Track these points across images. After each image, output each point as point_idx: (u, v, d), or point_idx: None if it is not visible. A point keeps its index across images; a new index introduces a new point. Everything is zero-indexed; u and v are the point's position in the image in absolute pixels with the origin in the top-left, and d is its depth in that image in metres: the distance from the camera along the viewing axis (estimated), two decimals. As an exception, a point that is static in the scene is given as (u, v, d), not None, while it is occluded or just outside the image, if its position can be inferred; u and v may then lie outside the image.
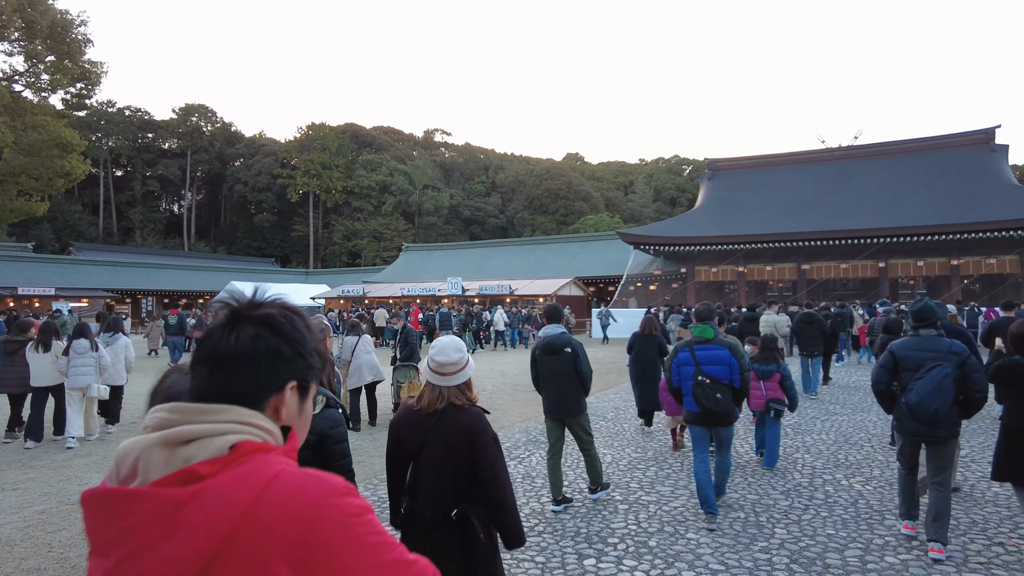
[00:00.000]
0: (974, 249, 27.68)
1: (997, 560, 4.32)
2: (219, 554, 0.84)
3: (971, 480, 6.18)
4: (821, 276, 31.03)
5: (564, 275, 36.23)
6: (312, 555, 0.87)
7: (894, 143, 36.30)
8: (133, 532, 0.87)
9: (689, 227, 33.18)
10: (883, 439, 7.91)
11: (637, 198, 76.85)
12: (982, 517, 5.14)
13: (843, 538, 4.73)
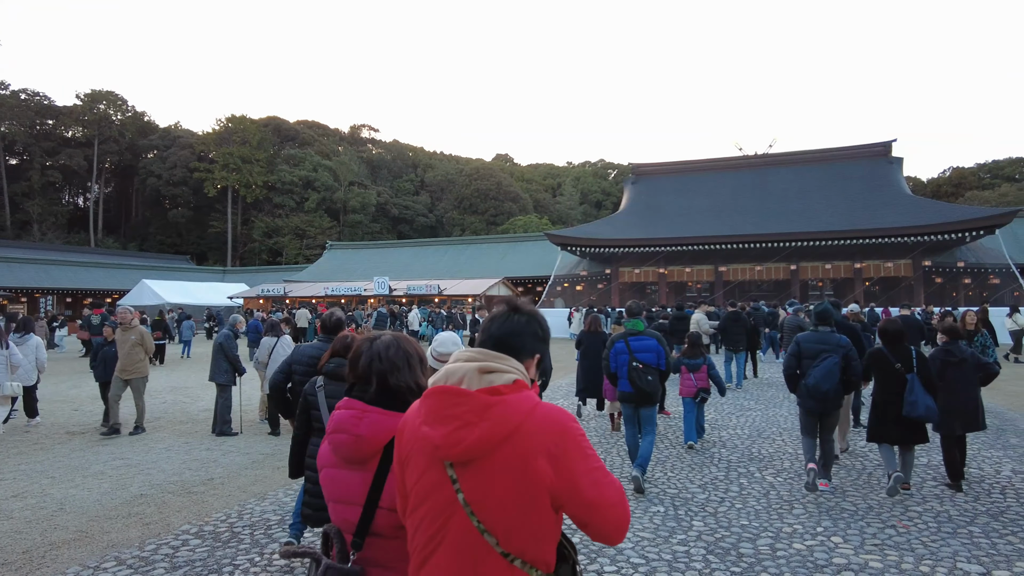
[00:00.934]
0: (874, 254, 29.70)
1: (889, 541, 4.64)
2: (509, 438, 1.48)
3: (868, 468, 6.62)
4: (737, 278, 32.50)
5: (493, 275, 36.35)
6: (558, 453, 1.49)
7: (804, 152, 38.46)
8: (462, 415, 1.51)
9: (614, 230, 34.01)
10: (793, 432, 8.37)
11: (565, 200, 78.08)
12: (877, 503, 5.52)
13: (756, 528, 4.96)
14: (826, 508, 5.40)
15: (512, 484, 1.49)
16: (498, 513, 1.49)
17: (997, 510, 5.32)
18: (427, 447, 1.56)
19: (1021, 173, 72.36)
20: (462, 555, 1.51)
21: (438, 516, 1.54)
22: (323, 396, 3.64)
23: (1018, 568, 4.18)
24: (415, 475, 1.60)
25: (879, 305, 23.73)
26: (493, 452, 1.50)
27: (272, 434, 8.70)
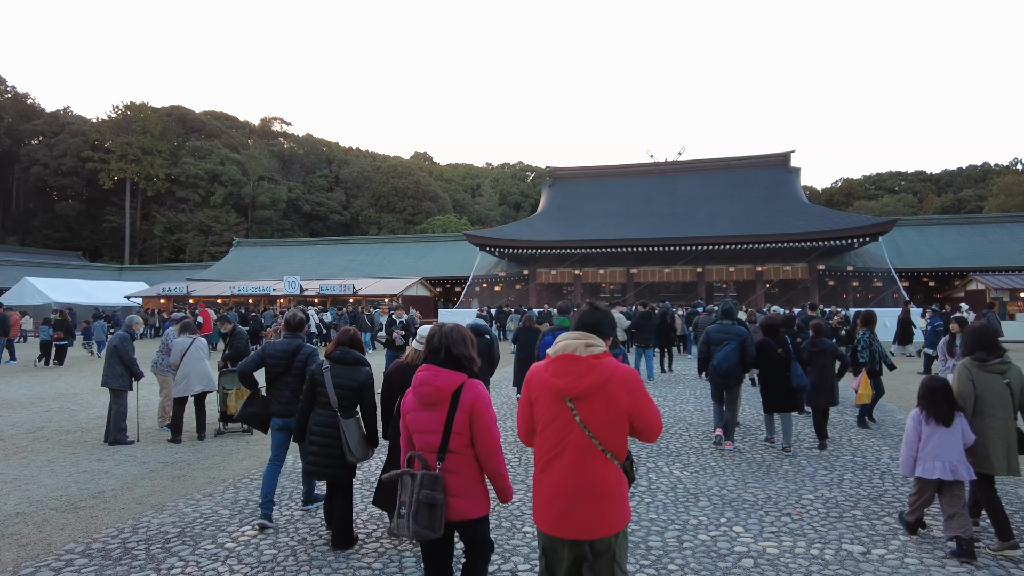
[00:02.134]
0: (774, 257, 31.57)
1: (785, 528, 4.94)
2: (605, 384, 2.56)
3: (767, 460, 7.02)
4: (648, 279, 33.69)
5: (411, 275, 35.95)
6: (632, 393, 2.62)
7: (711, 160, 40.36)
8: (577, 371, 2.60)
9: (532, 231, 34.45)
10: (699, 428, 8.75)
11: (484, 201, 78.32)
12: (775, 493, 5.86)
13: (664, 521, 5.14)
14: (729, 500, 5.68)
15: (607, 410, 2.62)
16: (600, 427, 2.62)
17: (876, 494, 5.77)
18: (553, 390, 2.67)
19: (900, 186, 79.00)
20: (579, 452, 2.63)
21: (561, 430, 2.66)
22: (329, 376, 4.67)
23: (893, 545, 4.54)
24: (543, 408, 2.73)
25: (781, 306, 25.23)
26: (596, 392, 2.62)
27: (173, 441, 8.21)
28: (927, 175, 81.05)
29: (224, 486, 6.27)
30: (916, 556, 4.39)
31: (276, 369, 5.31)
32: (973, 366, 4.66)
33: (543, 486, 2.71)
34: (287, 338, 5.51)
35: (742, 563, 4.31)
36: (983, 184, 67.39)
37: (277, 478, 5.24)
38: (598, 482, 2.61)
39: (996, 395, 4.55)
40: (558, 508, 2.62)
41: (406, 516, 2.90)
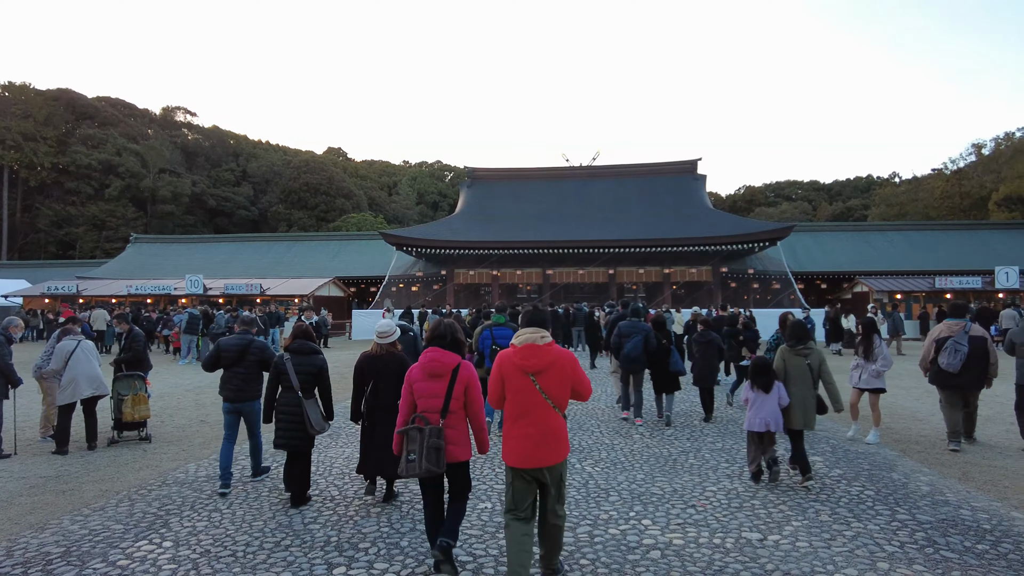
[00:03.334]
0: (681, 260, 32.97)
1: (690, 520, 5.17)
2: (555, 363, 3.86)
3: (673, 454, 7.32)
4: (563, 280, 34.35)
5: (323, 275, 34.90)
6: (573, 367, 3.94)
7: (623, 166, 41.66)
8: (537, 354, 3.85)
9: (450, 231, 34.32)
10: (611, 424, 9.00)
11: (401, 199, 77.23)
12: (680, 486, 6.12)
13: (576, 517, 5.26)
14: (638, 494, 5.88)
15: (558, 380, 3.84)
16: (553, 392, 3.83)
17: (773, 484, 6.14)
18: (520, 369, 3.84)
19: (796, 194, 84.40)
20: (540, 410, 3.81)
21: (527, 396, 3.82)
22: (290, 365, 5.67)
23: (787, 531, 4.85)
24: (512, 382, 3.87)
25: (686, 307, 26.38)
26: (549, 368, 3.83)
27: (58, 453, 7.60)
28: (820, 184, 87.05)
29: (118, 499, 5.87)
30: (806, 540, 4.70)
31: (229, 361, 6.19)
32: (786, 351, 6.51)
33: (514, 434, 3.86)
34: (240, 333, 6.44)
35: (650, 555, 4.47)
36: (867, 194, 73.11)
37: (232, 454, 6.11)
38: (553, 429, 3.85)
39: (800, 372, 6.37)
40: (528, 448, 3.80)
41: (417, 459, 3.96)
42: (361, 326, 28.43)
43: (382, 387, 5.43)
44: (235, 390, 6.13)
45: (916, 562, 4.31)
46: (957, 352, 7.52)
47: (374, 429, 5.42)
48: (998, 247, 35.29)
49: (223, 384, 6.21)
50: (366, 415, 5.50)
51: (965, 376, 7.59)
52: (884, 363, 8.03)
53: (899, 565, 4.27)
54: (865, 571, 4.18)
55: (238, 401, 6.14)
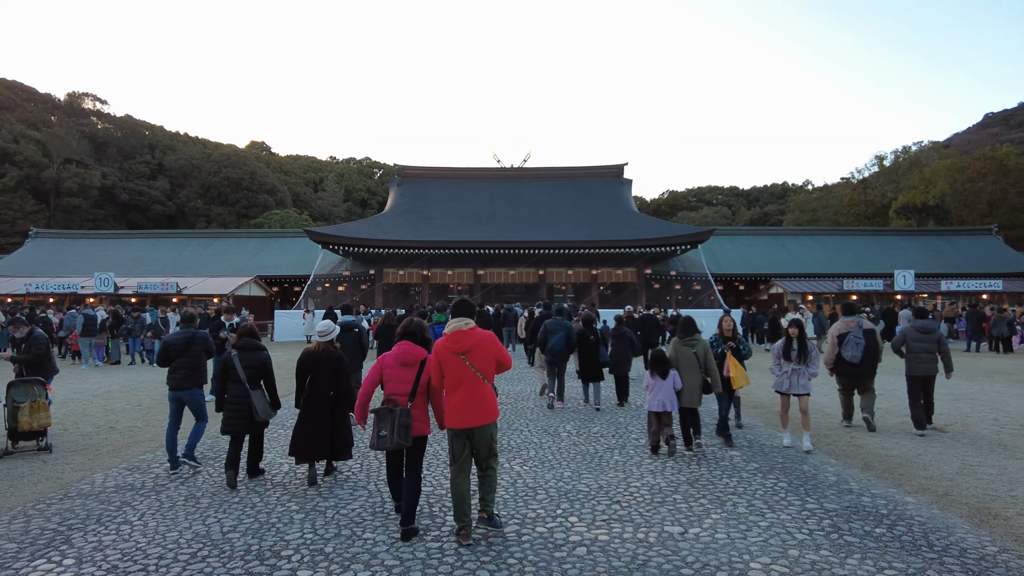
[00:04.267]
0: (608, 262, 33.72)
1: (615, 516, 5.29)
2: (479, 343, 4.88)
3: (600, 451, 7.47)
4: (494, 281, 34.46)
5: (244, 273, 33.59)
6: (495, 345, 4.99)
7: (553, 169, 42.21)
8: (465, 337, 4.85)
9: (379, 230, 33.75)
10: (539, 423, 9.09)
11: (328, 196, 75.35)
12: (606, 483, 6.25)
13: (504, 516, 5.27)
14: (564, 492, 5.96)
15: (483, 357, 4.85)
16: (480, 367, 4.81)
17: (694, 478, 6.37)
18: (452, 351, 4.80)
19: (717, 199, 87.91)
20: (471, 382, 4.78)
21: (460, 372, 4.78)
22: (238, 361, 6.37)
23: (706, 524, 5.04)
24: (447, 362, 4.80)
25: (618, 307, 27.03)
26: (475, 348, 4.82)
27: (-58, 465, 6.98)
28: (740, 190, 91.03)
29: (11, 515, 5.44)
30: (724, 532, 4.90)
31: (176, 353, 6.96)
32: (677, 342, 7.72)
33: (452, 403, 4.85)
34: (183, 330, 7.18)
35: (576, 552, 4.54)
36: (783, 200, 77.00)
37: (175, 439, 6.89)
38: (482, 396, 4.84)
39: (688, 360, 7.59)
40: (463, 412, 4.79)
41: (388, 434, 4.81)
42: (284, 327, 27.42)
43: (318, 378, 6.33)
44: (180, 379, 6.88)
45: (823, 548, 4.57)
46: (858, 345, 8.70)
47: (307, 415, 6.25)
48: (897, 252, 37.96)
49: (169, 374, 6.95)
50: (305, 403, 6.32)
51: (863, 366, 8.82)
52: (816, 366, 7.79)
53: (808, 551, 4.51)
54: (777, 558, 4.39)
55: (181, 390, 6.89)
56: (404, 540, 4.75)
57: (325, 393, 6.27)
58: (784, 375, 7.77)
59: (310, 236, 32.84)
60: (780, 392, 7.87)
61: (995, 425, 9.05)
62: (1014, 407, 10.49)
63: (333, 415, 6.29)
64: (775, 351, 7.94)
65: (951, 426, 8.97)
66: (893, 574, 4.15)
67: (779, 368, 7.84)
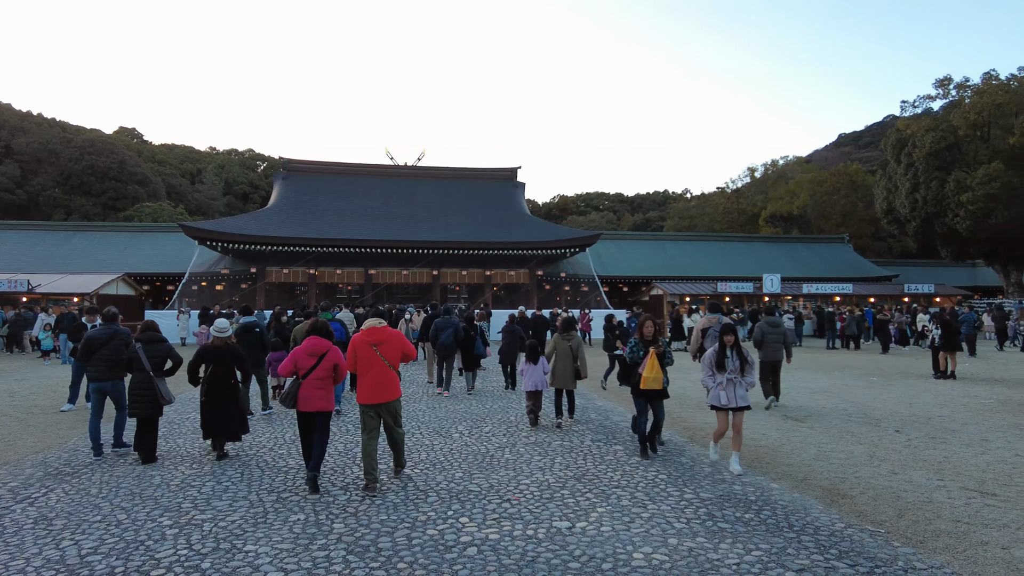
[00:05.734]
0: (501, 263, 34.08)
1: (505, 514, 5.35)
2: (389, 338, 6.37)
3: (490, 451, 7.54)
4: (386, 281, 33.82)
5: (110, 270, 30.78)
6: (401, 340, 6.54)
7: (448, 169, 42.08)
8: (379, 333, 6.34)
9: (262, 226, 32.10)
10: (431, 425, 9.03)
11: (206, 189, 70.76)
12: (497, 481, 6.32)
13: (394, 521, 5.20)
14: (456, 492, 5.96)
15: (392, 349, 6.30)
16: (389, 357, 6.26)
17: (580, 473, 6.59)
18: (367, 343, 6.22)
19: (604, 204, 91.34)
20: (380, 368, 6.20)
21: (372, 361, 6.18)
22: (144, 353, 7.23)
23: (592, 518, 5.22)
24: (361, 352, 6.22)
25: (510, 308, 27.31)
26: (385, 342, 6.27)
27: None
28: (625, 197, 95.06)
29: None
30: (609, 524, 5.10)
31: (98, 347, 7.54)
32: (557, 337, 9.33)
33: (363, 384, 6.18)
34: (104, 326, 7.74)
35: (467, 552, 4.56)
36: (664, 207, 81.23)
37: (99, 428, 7.41)
38: (388, 379, 6.23)
39: (564, 351, 9.13)
40: (373, 391, 6.13)
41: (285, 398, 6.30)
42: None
43: (220, 370, 7.35)
44: (102, 371, 7.48)
45: (699, 535, 4.88)
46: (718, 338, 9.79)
47: (212, 402, 7.24)
48: (765, 257, 41.20)
49: (91, 368, 7.54)
50: (206, 392, 7.30)
51: None
52: (755, 375, 7.08)
53: (685, 539, 4.79)
54: (658, 547, 4.63)
55: (103, 381, 7.50)
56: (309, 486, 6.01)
57: (226, 383, 7.35)
58: (718, 387, 6.86)
59: (186, 231, 30.64)
60: (716, 407, 6.95)
61: (844, 415, 10.04)
62: (860, 398, 11.68)
63: (234, 402, 7.40)
64: (706, 360, 7.08)
65: (809, 418, 9.85)
66: (759, 554, 4.49)
67: (712, 379, 6.94)
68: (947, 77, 38.75)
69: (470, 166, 42.55)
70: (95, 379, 7.50)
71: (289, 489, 6.07)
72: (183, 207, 59.94)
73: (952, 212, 35.76)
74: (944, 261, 46.05)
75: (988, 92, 35.51)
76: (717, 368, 6.92)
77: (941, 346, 14.76)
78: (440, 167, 42.29)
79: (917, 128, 37.99)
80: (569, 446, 7.85)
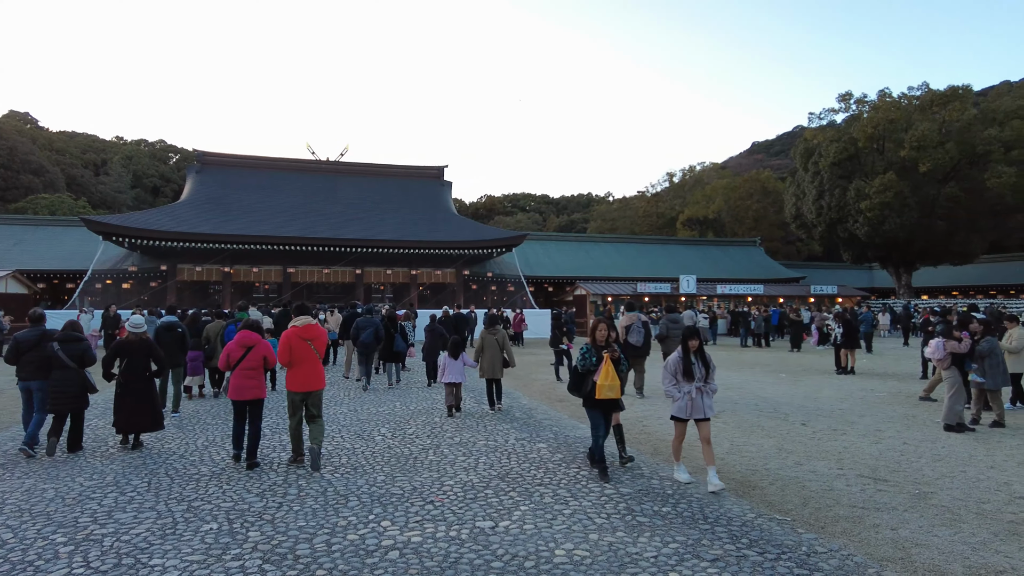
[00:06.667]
0: (427, 263, 33.78)
1: (428, 516, 5.29)
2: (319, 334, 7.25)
3: (414, 452, 7.44)
4: (306, 280, 32.84)
5: (0, 266, 28.43)
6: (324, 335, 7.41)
7: (374, 166, 41.26)
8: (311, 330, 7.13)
9: (173, 221, 30.46)
10: (352, 428, 8.83)
11: (112, 181, 66.54)
12: (420, 483, 6.24)
13: (313, 527, 5.04)
14: (377, 496, 5.85)
15: (322, 343, 7.28)
16: (319, 346, 7.19)
17: (504, 472, 6.61)
18: (300, 337, 7.00)
19: (530, 205, 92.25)
20: (311, 360, 7.02)
21: (305, 353, 6.99)
22: (62, 352, 7.54)
23: (515, 516, 5.24)
24: (297, 346, 6.95)
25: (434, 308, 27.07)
26: (317, 337, 7.15)
27: None
28: (550, 199, 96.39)
29: None
30: (532, 522, 5.14)
31: (27, 348, 7.69)
32: (484, 332, 10.30)
33: (294, 373, 6.92)
34: (32, 327, 7.89)
35: (389, 556, 4.47)
36: (588, 210, 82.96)
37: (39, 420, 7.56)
38: (317, 371, 7.01)
39: (491, 344, 10.17)
40: (303, 380, 6.91)
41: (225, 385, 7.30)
42: (54, 329, 23.62)
43: (134, 364, 7.72)
44: (30, 372, 7.68)
45: (619, 529, 4.99)
46: (640, 333, 11.35)
47: (126, 394, 7.60)
48: (682, 259, 42.78)
49: (20, 367, 7.74)
50: (121, 385, 7.65)
51: (643, 348, 11.59)
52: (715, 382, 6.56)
53: (606, 534, 4.89)
54: (580, 543, 4.70)
55: (31, 379, 7.67)
56: (249, 469, 6.73)
57: (141, 376, 7.73)
58: (685, 397, 6.29)
59: (88, 225, 28.63)
60: (679, 419, 6.39)
61: (756, 410, 10.55)
62: (770, 394, 12.32)
63: (150, 394, 7.78)
64: (669, 368, 6.46)
65: (723, 413, 10.28)
66: (676, 546, 4.64)
67: (677, 389, 6.37)
68: (848, 92, 41.53)
69: (396, 163, 41.93)
70: (23, 378, 7.74)
71: (201, 498, 5.78)
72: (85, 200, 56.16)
73: (853, 218, 38.30)
74: (846, 264, 49.30)
75: (883, 108, 38.29)
76: (684, 376, 6.32)
77: (842, 344, 15.76)
78: (365, 163, 41.44)
79: (823, 138, 40.50)
80: (494, 445, 7.86)
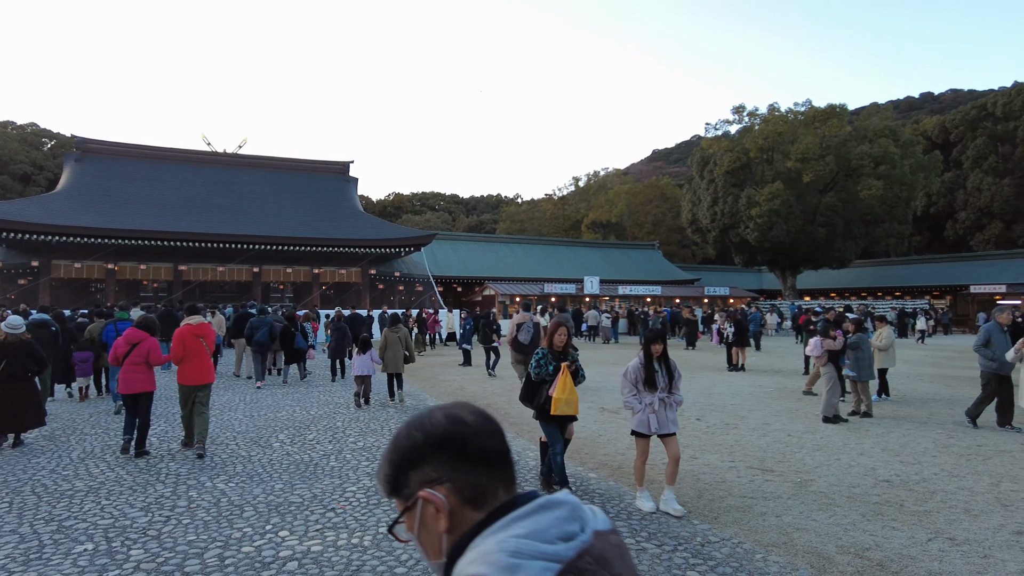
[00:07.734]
0: (331, 261, 32.77)
1: (330, 524, 5.12)
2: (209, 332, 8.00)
3: (315, 459, 7.20)
4: (199, 278, 30.98)
5: None
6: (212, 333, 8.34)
7: (275, 159, 39.53)
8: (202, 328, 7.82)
9: (47, 213, 27.88)
10: (248, 434, 8.42)
11: (-29, 167, 59.89)
12: (321, 490, 6.03)
13: (204, 541, 4.76)
14: (275, 505, 5.60)
15: (211, 338, 7.97)
16: (208, 344, 7.85)
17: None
18: (193, 334, 7.67)
19: (439, 205, 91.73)
20: (202, 355, 7.71)
21: (196, 348, 7.65)
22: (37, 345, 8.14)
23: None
24: (190, 343, 7.62)
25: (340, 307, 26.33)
26: (207, 334, 7.85)
27: None
28: (460, 198, 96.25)
29: None
30: (437, 526, 5.08)
31: None
32: (387, 330, 11.12)
33: (189, 368, 7.57)
34: None
35: (287, 567, 4.29)
36: (497, 210, 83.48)
37: None
38: (208, 366, 7.77)
39: (393, 341, 10.93)
40: (195, 374, 7.55)
41: None
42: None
43: (13, 364, 7.72)
44: None
45: (523, 529, 5.03)
46: (529, 331, 11.71)
47: (8, 395, 7.59)
48: (586, 260, 43.94)
49: None
50: (2, 385, 7.58)
51: (532, 346, 11.84)
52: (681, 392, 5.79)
53: (510, 534, 4.91)
54: (484, 545, 4.70)
55: None
56: (137, 457, 7.15)
57: (22, 375, 7.81)
58: (647, 408, 5.53)
59: (-58, 215, 25.68)
60: (640, 434, 5.61)
61: (654, 407, 10.98)
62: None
63: (33, 391, 7.93)
64: (630, 377, 5.67)
65: (622, 409, 10.62)
66: (578, 543, 4.73)
67: (637, 400, 5.61)
68: (741, 105, 44.16)
69: (299, 157, 40.39)
70: None
71: (75, 516, 5.31)
72: (-61, 186, 50.23)
73: (744, 224, 40.78)
74: (738, 267, 52.40)
75: (772, 121, 41.04)
76: (646, 386, 5.56)
77: (734, 342, 16.72)
78: (265, 156, 39.62)
79: (717, 148, 42.86)
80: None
